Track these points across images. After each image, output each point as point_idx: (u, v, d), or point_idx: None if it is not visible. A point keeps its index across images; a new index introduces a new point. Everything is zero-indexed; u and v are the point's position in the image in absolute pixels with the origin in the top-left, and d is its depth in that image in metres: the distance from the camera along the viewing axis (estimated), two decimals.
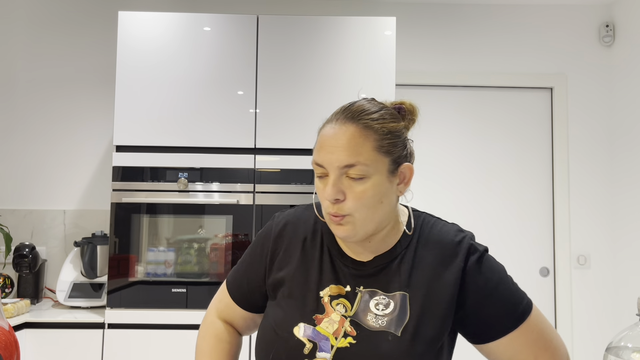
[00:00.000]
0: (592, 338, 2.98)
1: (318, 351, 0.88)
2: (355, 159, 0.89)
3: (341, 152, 0.89)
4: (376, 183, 0.91)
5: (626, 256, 2.92)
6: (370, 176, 0.91)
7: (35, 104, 2.96)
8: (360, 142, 0.90)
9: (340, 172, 0.90)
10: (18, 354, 0.92)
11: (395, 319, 0.91)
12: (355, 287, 0.94)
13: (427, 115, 3.11)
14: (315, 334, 0.90)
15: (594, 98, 3.09)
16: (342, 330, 0.90)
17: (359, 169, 0.90)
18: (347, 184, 0.90)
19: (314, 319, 0.92)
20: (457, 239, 0.98)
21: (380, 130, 0.93)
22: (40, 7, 2.99)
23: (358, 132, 0.91)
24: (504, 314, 0.94)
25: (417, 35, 3.10)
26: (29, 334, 2.27)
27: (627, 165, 2.94)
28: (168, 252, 2.32)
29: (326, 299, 0.94)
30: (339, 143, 0.90)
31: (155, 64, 2.37)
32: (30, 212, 2.89)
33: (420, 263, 0.95)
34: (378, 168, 0.91)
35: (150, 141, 2.35)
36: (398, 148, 0.95)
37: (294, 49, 2.40)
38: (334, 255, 0.98)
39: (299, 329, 0.91)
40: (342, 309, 0.92)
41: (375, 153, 0.91)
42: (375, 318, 0.91)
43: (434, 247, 0.97)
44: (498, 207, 3.07)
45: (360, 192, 0.90)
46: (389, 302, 0.92)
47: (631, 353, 0.92)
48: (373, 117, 0.93)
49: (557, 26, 3.12)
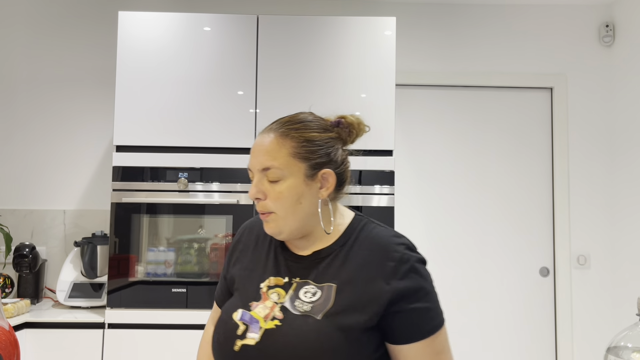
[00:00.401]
0: (592, 338, 2.98)
1: (248, 332, 1.00)
2: (271, 163, 1.03)
3: (261, 156, 1.04)
4: (292, 185, 1.04)
5: (626, 256, 2.92)
6: (286, 179, 1.04)
7: (36, 104, 2.96)
8: (277, 148, 1.04)
9: (261, 175, 1.05)
10: (18, 354, 0.92)
11: (319, 306, 1.00)
12: (292, 278, 1.06)
13: (427, 115, 3.11)
14: (249, 318, 1.02)
15: (594, 98, 3.09)
16: (271, 314, 1.01)
17: (273, 172, 1.03)
18: (267, 185, 1.04)
19: (249, 305, 1.04)
20: (393, 243, 1.03)
21: (298, 139, 1.05)
22: (40, 7, 2.99)
23: (276, 140, 1.05)
24: (417, 323, 0.98)
25: (417, 35, 3.10)
26: (29, 334, 2.27)
27: (627, 165, 2.94)
28: (168, 252, 2.32)
29: (265, 288, 1.06)
30: (260, 149, 1.05)
31: (155, 64, 2.37)
32: (30, 212, 2.89)
33: (352, 260, 1.04)
34: (293, 172, 1.04)
35: (150, 141, 2.35)
36: (316, 155, 1.05)
37: (294, 49, 2.40)
38: (278, 251, 1.11)
39: (237, 313, 1.04)
40: (276, 296, 1.04)
41: (290, 158, 1.04)
42: (302, 304, 1.01)
43: (368, 248, 1.05)
44: (498, 207, 3.07)
45: (278, 193, 1.04)
46: (317, 291, 1.02)
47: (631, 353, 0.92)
48: (294, 127, 1.06)
49: (557, 26, 3.12)
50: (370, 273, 1.01)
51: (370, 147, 2.34)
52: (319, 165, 1.05)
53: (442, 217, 3.05)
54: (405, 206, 3.04)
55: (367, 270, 1.01)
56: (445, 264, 3.01)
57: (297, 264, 1.07)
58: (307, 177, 1.05)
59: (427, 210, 3.05)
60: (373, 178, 2.34)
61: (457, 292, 3.00)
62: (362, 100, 2.38)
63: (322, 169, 1.06)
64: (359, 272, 1.02)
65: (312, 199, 1.06)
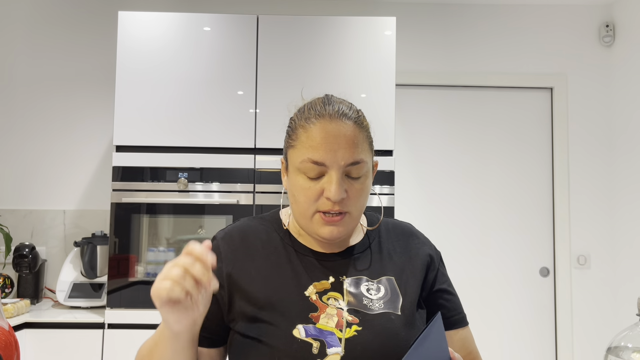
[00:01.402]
0: (592, 338, 2.98)
1: (327, 347, 0.84)
2: (360, 157, 0.89)
3: (346, 149, 0.88)
4: (369, 180, 0.94)
5: (626, 256, 2.92)
6: (367, 173, 0.93)
7: (35, 104, 2.96)
8: (361, 139, 0.91)
9: (343, 171, 0.89)
10: (18, 354, 0.92)
11: (390, 301, 0.92)
12: (338, 277, 0.93)
13: (427, 115, 3.11)
14: (319, 332, 0.85)
15: (594, 98, 3.09)
16: (343, 321, 0.87)
17: (361, 166, 0.90)
18: (347, 181, 0.90)
19: (310, 317, 0.87)
20: (419, 233, 1.07)
21: (368, 127, 0.95)
22: (40, 7, 2.99)
23: (357, 129, 0.91)
24: (457, 308, 1.03)
25: (417, 35, 3.10)
26: (29, 334, 2.27)
27: (627, 165, 2.94)
28: (168, 252, 2.32)
29: (314, 297, 0.90)
30: (343, 140, 0.88)
31: (155, 64, 2.37)
32: (30, 212, 2.89)
33: (390, 250, 0.99)
34: (370, 164, 0.94)
35: (150, 141, 2.35)
36: (374, 145, 0.97)
37: (294, 49, 2.40)
38: (302, 254, 0.95)
39: (298, 331, 0.85)
40: (335, 301, 0.90)
41: (369, 149, 0.94)
42: (372, 302, 0.91)
43: (397, 237, 1.02)
44: (498, 207, 3.07)
45: (359, 190, 0.91)
46: (378, 286, 0.93)
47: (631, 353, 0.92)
48: (360, 114, 0.94)
49: (557, 26, 3.12)
50: (412, 260, 1.00)
51: None
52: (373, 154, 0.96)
53: (442, 217, 3.05)
54: (405, 206, 3.04)
55: (409, 257, 1.00)
56: (446, 264, 3.00)
57: (332, 262, 0.95)
58: (372, 168, 0.96)
59: (427, 210, 3.05)
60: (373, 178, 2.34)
61: (457, 291, 3.00)
62: (362, 100, 2.38)
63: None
64: (403, 260, 0.99)
65: (370, 192, 0.96)
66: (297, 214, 0.94)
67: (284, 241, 0.97)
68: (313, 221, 0.91)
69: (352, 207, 0.90)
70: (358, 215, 0.93)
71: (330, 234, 0.90)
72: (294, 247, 0.96)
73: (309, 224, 0.92)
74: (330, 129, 0.89)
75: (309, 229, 0.93)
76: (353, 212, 0.91)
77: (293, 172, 0.93)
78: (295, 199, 0.92)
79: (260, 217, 1.03)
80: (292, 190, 0.93)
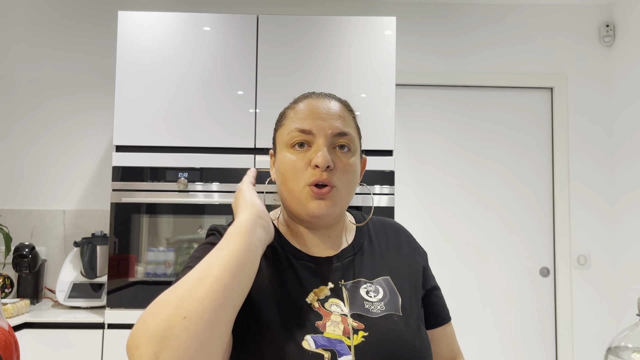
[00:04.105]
0: (592, 338, 2.98)
1: (339, 357, 0.82)
2: (347, 129, 0.92)
3: (335, 119, 0.91)
4: (356, 160, 0.95)
5: (626, 256, 2.92)
6: (354, 152, 0.94)
7: (35, 104, 2.95)
8: (347, 117, 0.95)
9: (331, 142, 0.91)
10: (18, 354, 0.91)
11: (390, 302, 0.92)
12: (337, 282, 0.92)
13: (427, 115, 3.10)
14: (328, 341, 0.83)
15: (594, 98, 3.09)
16: (349, 328, 0.85)
17: (349, 139, 0.92)
18: (333, 153, 0.91)
19: (317, 326, 0.85)
20: (405, 229, 1.08)
21: (354, 114, 0.99)
22: (39, 7, 2.99)
23: (344, 109, 0.96)
24: (443, 304, 1.06)
25: (417, 35, 3.10)
26: (29, 334, 2.27)
27: (627, 165, 2.94)
28: (168, 252, 2.31)
29: (316, 304, 0.88)
30: (332, 112, 0.92)
31: (155, 64, 2.37)
32: (30, 212, 2.89)
33: (382, 249, 1.00)
34: (357, 147, 0.95)
35: (150, 141, 2.35)
36: (361, 138, 1.00)
37: (294, 49, 2.40)
38: (298, 259, 0.93)
39: (308, 342, 0.82)
40: (337, 308, 0.88)
41: (356, 132, 0.97)
42: (373, 305, 0.90)
43: (388, 235, 1.04)
44: (498, 207, 3.07)
45: (347, 164, 0.92)
46: (376, 288, 0.93)
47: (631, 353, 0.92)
48: (348, 103, 0.99)
49: (557, 26, 3.12)
50: (406, 257, 1.02)
51: (370, 147, 2.34)
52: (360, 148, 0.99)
53: (442, 217, 3.05)
54: (405, 206, 3.04)
55: (402, 255, 1.02)
56: (446, 264, 3.01)
57: (328, 266, 0.94)
58: (359, 155, 0.97)
59: (427, 210, 3.05)
60: (373, 178, 2.34)
61: (457, 291, 3.00)
62: (362, 100, 2.38)
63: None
64: (398, 258, 1.00)
65: (358, 181, 0.97)
66: (287, 193, 0.92)
67: (281, 246, 0.95)
68: (302, 196, 0.90)
69: (338, 181, 0.90)
70: (345, 193, 0.92)
71: (319, 208, 0.89)
72: (289, 251, 0.94)
73: (298, 201, 0.91)
74: (317, 104, 0.93)
75: (298, 207, 0.91)
76: (340, 187, 0.90)
77: (281, 151, 0.93)
78: (284, 177, 0.92)
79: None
80: (280, 170, 0.93)
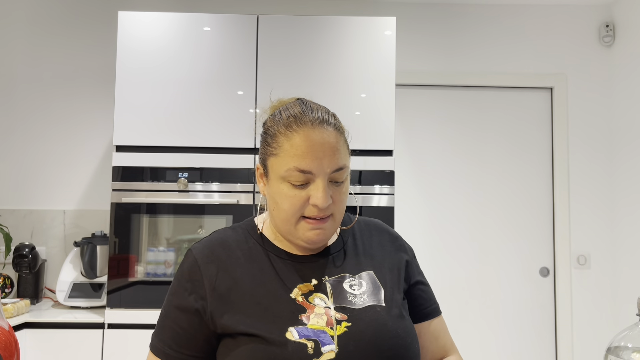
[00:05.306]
0: (592, 338, 2.98)
1: (322, 346, 0.86)
2: (343, 162, 0.93)
3: (331, 157, 0.91)
4: (348, 180, 0.96)
5: (626, 256, 2.92)
6: (347, 177, 0.96)
7: (35, 104, 2.96)
8: (341, 144, 0.94)
9: (328, 177, 0.92)
10: (18, 354, 0.91)
11: (372, 294, 0.95)
12: (321, 278, 0.96)
13: (427, 115, 3.11)
14: (312, 332, 0.87)
15: (594, 98, 3.09)
16: (332, 319, 0.90)
17: (344, 171, 0.93)
18: (331, 187, 0.93)
19: (300, 319, 0.89)
20: (390, 229, 1.10)
21: (344, 130, 0.97)
22: (40, 7, 2.99)
23: (337, 135, 0.93)
24: (429, 298, 1.06)
25: (417, 35, 3.10)
26: (29, 334, 2.27)
27: (627, 165, 2.94)
28: (168, 252, 2.32)
29: (300, 298, 0.92)
30: (328, 145, 0.91)
31: (155, 64, 2.37)
32: (30, 212, 2.89)
33: (365, 247, 1.03)
34: (349, 167, 0.96)
35: (150, 141, 2.35)
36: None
37: (294, 49, 2.40)
38: (283, 259, 0.97)
39: (291, 333, 0.87)
40: (320, 300, 0.92)
41: (348, 153, 0.97)
42: (356, 297, 0.94)
43: (371, 233, 1.06)
44: (498, 206, 3.07)
45: (342, 194, 0.94)
46: (359, 281, 0.96)
47: (631, 353, 0.92)
48: (337, 118, 0.97)
49: (557, 26, 3.12)
50: (390, 252, 1.04)
51: (370, 147, 2.34)
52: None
53: (442, 217, 3.05)
54: (405, 206, 3.04)
55: (386, 250, 1.04)
56: (445, 264, 3.01)
57: (312, 264, 0.97)
58: (349, 173, 1.00)
59: (427, 210, 3.05)
60: (373, 178, 2.34)
61: (457, 292, 3.00)
62: (362, 100, 2.38)
63: None
64: (381, 253, 1.03)
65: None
66: (280, 220, 0.94)
67: (263, 247, 0.98)
68: (298, 227, 0.93)
69: (335, 210, 0.94)
70: (340, 217, 0.96)
71: (317, 237, 0.93)
72: (273, 251, 0.98)
73: (292, 230, 0.94)
74: (315, 137, 0.91)
75: (292, 234, 0.95)
76: (336, 214, 0.94)
77: (276, 180, 0.93)
78: (279, 207, 0.93)
79: (233, 227, 1.04)
80: (274, 198, 0.94)
